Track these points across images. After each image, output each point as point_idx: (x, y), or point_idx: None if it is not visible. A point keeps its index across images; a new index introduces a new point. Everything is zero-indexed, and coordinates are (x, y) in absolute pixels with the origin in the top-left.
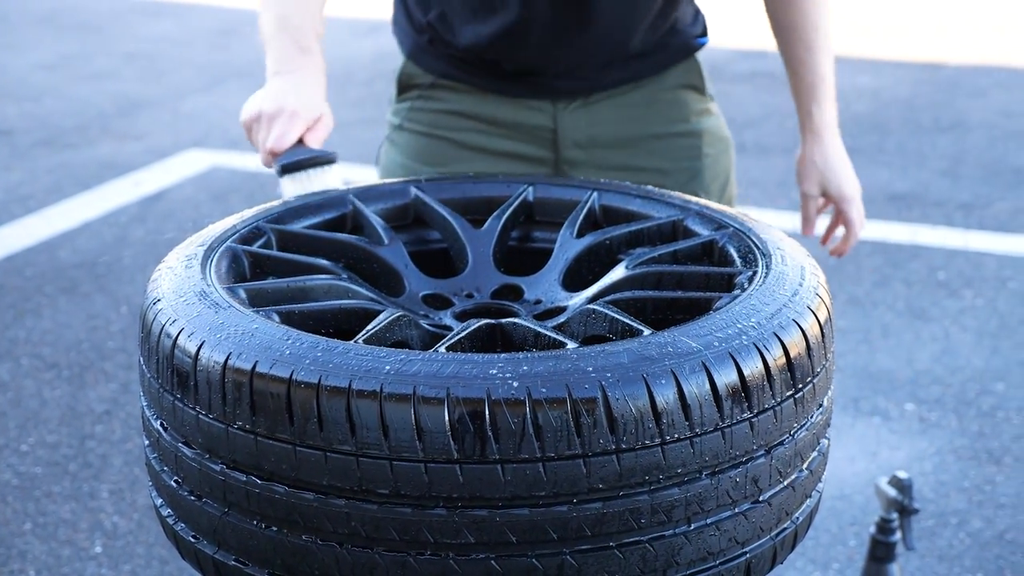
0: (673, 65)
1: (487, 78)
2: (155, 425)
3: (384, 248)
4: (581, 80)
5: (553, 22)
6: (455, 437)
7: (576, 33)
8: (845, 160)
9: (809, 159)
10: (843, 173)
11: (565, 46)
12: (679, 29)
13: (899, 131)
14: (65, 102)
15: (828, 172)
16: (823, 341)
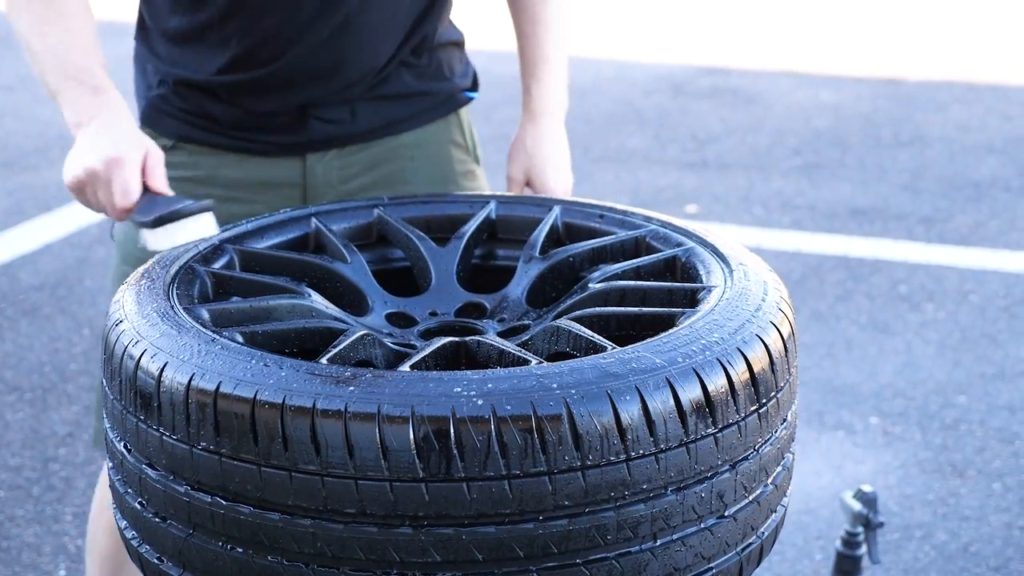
0: (437, 116)
1: (230, 133)
2: (119, 447)
3: (347, 267)
4: (333, 124)
5: (308, 23)
6: (420, 455)
7: (324, 27)
8: (560, 151)
9: (520, 142)
10: (552, 163)
11: (313, 49)
12: (444, 75)
13: (860, 146)
14: (25, 123)
15: (536, 158)
16: (786, 356)
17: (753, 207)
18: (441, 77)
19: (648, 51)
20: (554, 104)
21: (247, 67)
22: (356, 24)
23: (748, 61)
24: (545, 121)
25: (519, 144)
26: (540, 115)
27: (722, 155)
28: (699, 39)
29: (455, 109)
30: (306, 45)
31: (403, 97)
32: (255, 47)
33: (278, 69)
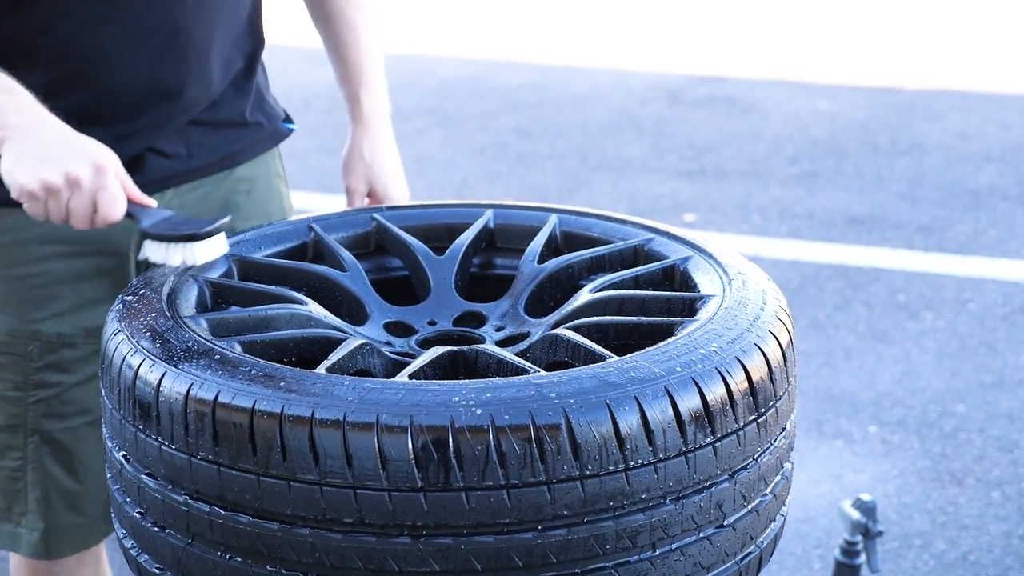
0: (266, 149)
1: None
2: (117, 456)
3: (346, 276)
4: (170, 159)
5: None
6: (419, 465)
7: (155, 40)
8: (395, 157)
9: (357, 151)
10: (392, 170)
11: (145, 68)
12: (269, 103)
13: (857, 154)
14: None
15: (376, 167)
16: (785, 365)
17: (751, 216)
18: (267, 105)
19: (645, 60)
20: (384, 110)
21: (68, 91)
22: (190, 36)
23: (745, 70)
24: (378, 128)
25: (355, 154)
26: (373, 123)
27: (719, 164)
28: (696, 48)
29: (280, 141)
30: (138, 61)
31: (237, 126)
32: (76, 67)
33: (104, 93)
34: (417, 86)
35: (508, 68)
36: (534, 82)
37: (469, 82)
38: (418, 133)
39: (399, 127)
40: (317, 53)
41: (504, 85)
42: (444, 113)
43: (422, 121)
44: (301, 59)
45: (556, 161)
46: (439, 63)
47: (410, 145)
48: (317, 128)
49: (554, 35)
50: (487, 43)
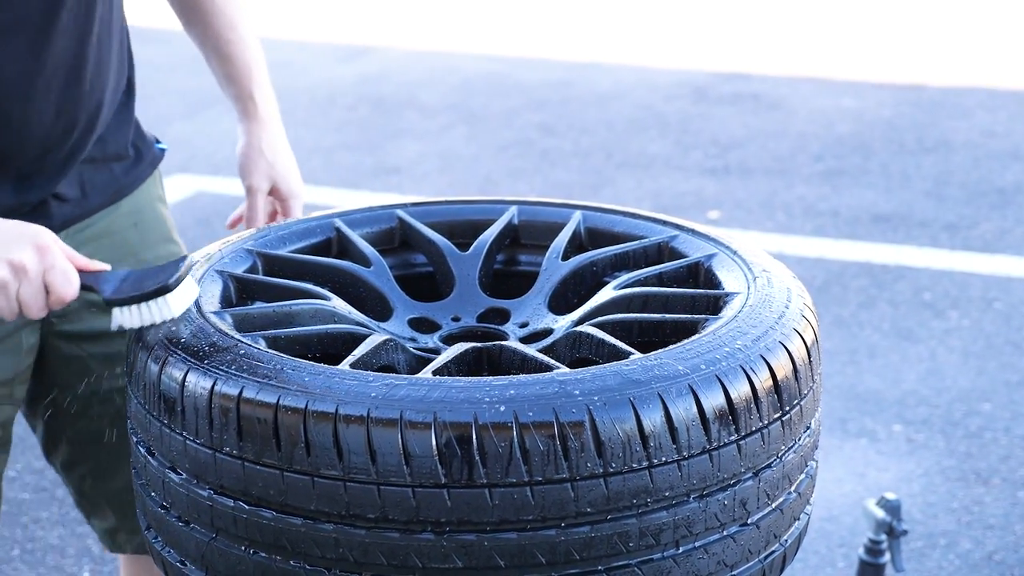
0: (147, 175)
1: None
2: (142, 451)
3: (370, 272)
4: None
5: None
6: (442, 461)
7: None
8: (291, 152)
9: (256, 149)
10: (292, 166)
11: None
12: (144, 132)
13: (883, 152)
14: None
15: (278, 165)
16: (810, 363)
17: (775, 213)
18: (142, 132)
19: (670, 56)
20: (275, 106)
21: None
22: (89, 67)
23: (770, 67)
24: (274, 125)
25: (255, 152)
26: (268, 119)
27: (744, 161)
28: (721, 44)
29: (157, 165)
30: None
31: (122, 159)
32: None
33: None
34: (442, 83)
35: (533, 65)
36: (559, 79)
37: (494, 79)
38: (442, 130)
39: (424, 123)
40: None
41: (529, 82)
42: (469, 110)
43: (446, 118)
44: (326, 56)
45: (580, 158)
46: (464, 60)
47: (434, 142)
48: (341, 125)
49: (579, 32)
50: (512, 40)
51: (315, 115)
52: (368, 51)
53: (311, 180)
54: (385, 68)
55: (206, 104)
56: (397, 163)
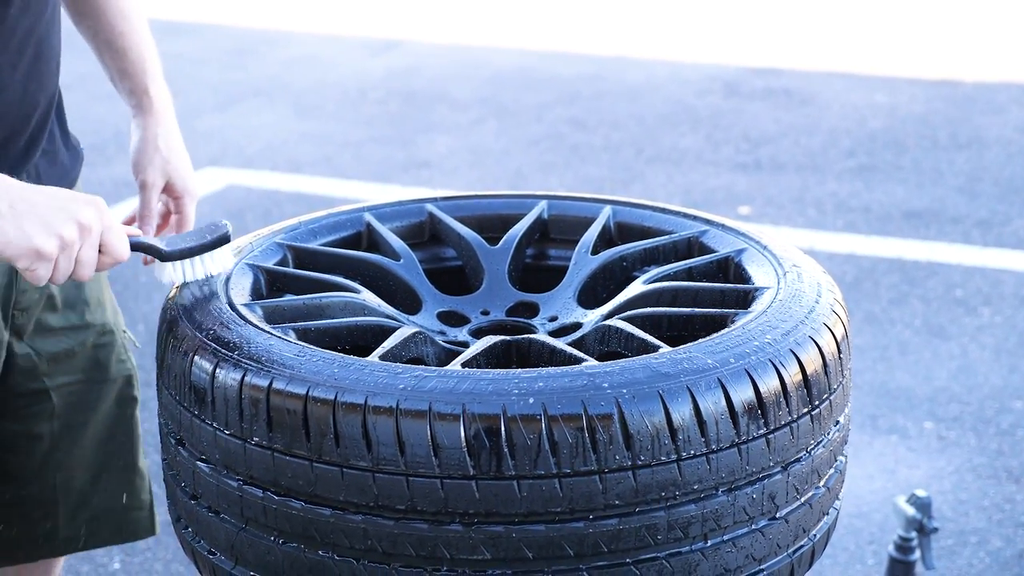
0: (80, 172)
1: None
2: (172, 441)
3: (400, 265)
4: None
5: None
6: (471, 453)
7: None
8: (184, 149)
9: (152, 144)
10: (186, 162)
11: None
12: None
13: (915, 148)
14: (82, 121)
15: (173, 160)
16: (840, 358)
17: (807, 209)
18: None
19: (702, 51)
20: (169, 100)
21: None
22: (48, 45)
23: (802, 62)
24: (169, 120)
25: (150, 148)
26: (163, 114)
27: (776, 156)
28: (753, 39)
29: (79, 172)
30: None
31: (68, 151)
32: None
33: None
34: (473, 77)
35: (564, 59)
36: (590, 73)
37: (525, 73)
38: (473, 124)
39: (455, 117)
40: (373, 43)
41: (560, 76)
42: (499, 104)
43: (477, 112)
44: (358, 50)
45: (611, 153)
46: (495, 54)
47: (465, 136)
48: (372, 118)
49: (611, 26)
50: (544, 34)
51: (345, 109)
52: (399, 44)
53: (341, 174)
54: (416, 62)
55: (237, 98)
56: (427, 157)
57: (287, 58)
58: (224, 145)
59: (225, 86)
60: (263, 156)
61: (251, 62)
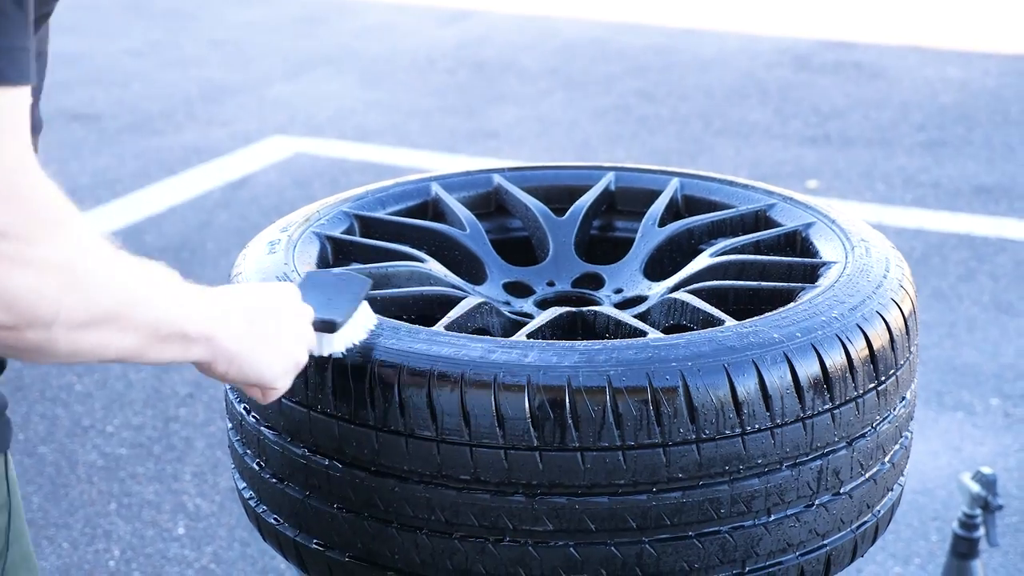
0: None
1: None
2: (238, 409)
3: (466, 235)
4: None
5: None
6: (535, 424)
7: None
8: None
9: None
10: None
11: None
12: None
13: (986, 123)
14: (152, 88)
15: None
16: (907, 334)
17: (875, 183)
18: None
19: (772, 24)
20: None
21: None
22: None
23: (874, 35)
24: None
25: None
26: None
27: (845, 130)
28: (825, 12)
29: None
30: None
31: None
32: None
33: None
34: (542, 47)
35: (634, 30)
36: (659, 45)
37: (594, 44)
38: (542, 94)
39: (524, 88)
40: (442, 12)
41: (629, 47)
42: (568, 75)
43: (546, 82)
44: (428, 19)
45: (679, 125)
46: (565, 24)
47: (533, 106)
48: (440, 88)
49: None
50: (613, 5)
51: (415, 78)
52: (469, 14)
53: (409, 143)
54: (486, 32)
55: (308, 66)
56: (495, 127)
57: (357, 27)
58: (293, 113)
59: (295, 54)
60: (331, 124)
61: (322, 31)
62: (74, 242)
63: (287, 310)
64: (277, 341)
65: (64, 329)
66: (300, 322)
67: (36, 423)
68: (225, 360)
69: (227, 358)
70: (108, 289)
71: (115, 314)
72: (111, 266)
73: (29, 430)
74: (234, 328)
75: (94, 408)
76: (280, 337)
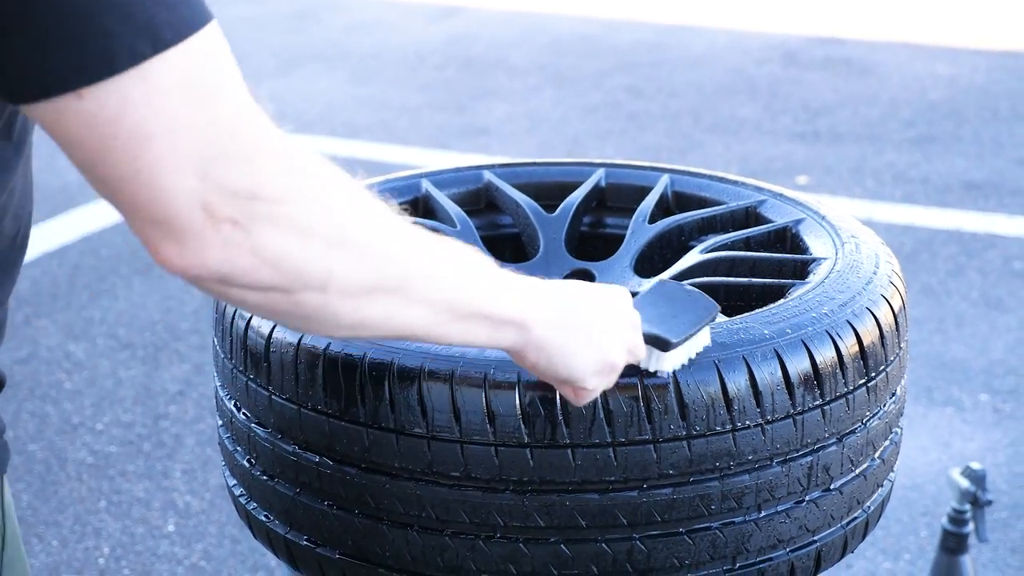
0: None
1: None
2: (229, 406)
3: (456, 232)
4: None
5: None
6: (526, 421)
7: None
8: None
9: None
10: None
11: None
12: None
13: (976, 119)
14: None
15: None
16: (897, 330)
17: (865, 179)
18: None
19: (761, 20)
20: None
21: None
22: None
23: (863, 31)
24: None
25: None
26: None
27: (834, 126)
28: (814, 8)
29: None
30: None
31: None
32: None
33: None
34: (531, 43)
35: (623, 27)
36: (649, 41)
37: (584, 40)
38: (531, 90)
39: (513, 84)
40: (432, 9)
41: (619, 44)
42: (558, 71)
43: (535, 78)
44: (418, 15)
45: (669, 121)
46: (555, 20)
47: (523, 102)
48: (430, 84)
49: None
50: (603, 1)
51: (404, 75)
52: (458, 11)
53: (399, 140)
54: (475, 28)
55: (297, 62)
56: (485, 124)
57: (347, 23)
58: (283, 109)
59: (285, 51)
60: (321, 121)
61: (311, 27)
62: (340, 204)
63: (609, 308)
64: (589, 337)
65: (339, 295)
66: (622, 324)
67: (26, 421)
68: (535, 349)
69: (537, 346)
70: (386, 255)
71: (399, 284)
72: (387, 232)
73: (19, 428)
74: (547, 316)
75: (84, 406)
76: (593, 333)
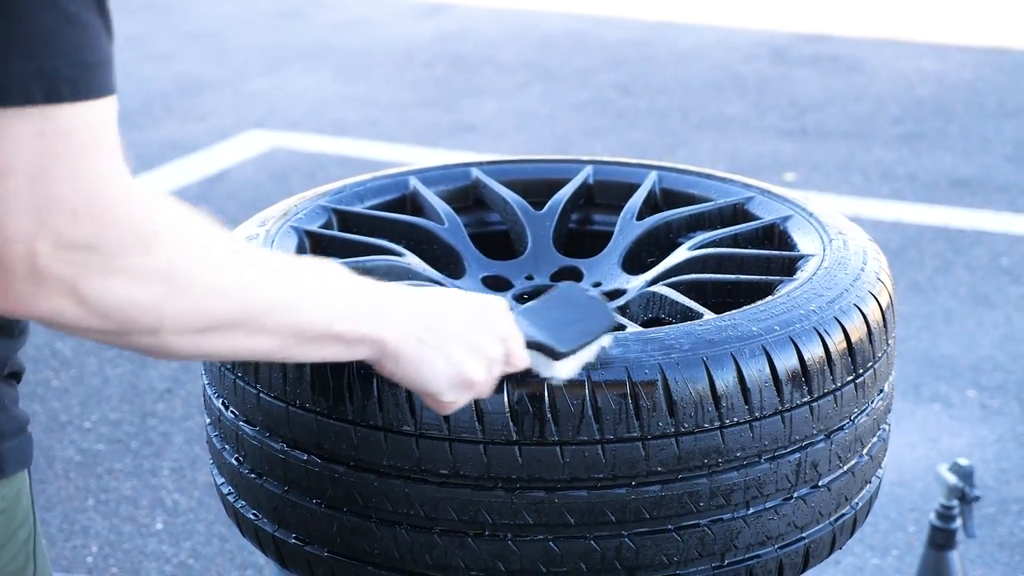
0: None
1: None
2: (217, 404)
3: (444, 229)
4: None
5: None
6: (514, 419)
7: None
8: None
9: None
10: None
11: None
12: None
13: (963, 115)
14: (129, 83)
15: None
16: (884, 326)
17: (853, 176)
18: None
19: (749, 17)
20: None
21: None
22: None
23: (851, 28)
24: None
25: None
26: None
27: (822, 123)
28: (802, 5)
29: None
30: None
31: None
32: None
33: None
34: (520, 40)
35: (611, 24)
36: (637, 38)
37: (572, 37)
38: (519, 87)
39: (501, 81)
40: (419, 6)
41: (606, 41)
42: (546, 68)
43: (523, 75)
44: (405, 13)
45: (657, 118)
46: (543, 17)
47: (511, 100)
48: (418, 82)
49: None
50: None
51: (392, 72)
52: (446, 8)
53: (387, 137)
54: (463, 25)
55: (285, 60)
56: (473, 121)
57: (335, 21)
58: (271, 107)
59: (273, 48)
60: (309, 119)
61: (299, 24)
62: (172, 250)
63: (473, 320)
64: (444, 350)
65: (175, 335)
66: (485, 338)
67: None
68: (392, 361)
69: (393, 359)
70: (223, 295)
71: (238, 319)
72: (226, 270)
73: None
74: (401, 329)
75: (71, 404)
76: (450, 347)
